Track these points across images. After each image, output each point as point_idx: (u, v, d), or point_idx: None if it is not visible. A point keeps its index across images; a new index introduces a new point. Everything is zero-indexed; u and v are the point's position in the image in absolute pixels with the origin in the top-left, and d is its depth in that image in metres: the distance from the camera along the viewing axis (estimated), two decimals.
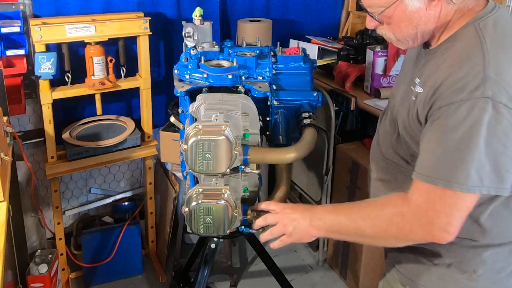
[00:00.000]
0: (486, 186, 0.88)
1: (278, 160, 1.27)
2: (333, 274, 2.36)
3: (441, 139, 0.90)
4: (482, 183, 0.87)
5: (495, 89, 0.86)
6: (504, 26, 0.94)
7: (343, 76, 2.12)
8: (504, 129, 0.86)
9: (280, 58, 1.51)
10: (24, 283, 1.78)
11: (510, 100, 0.86)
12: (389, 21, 0.99)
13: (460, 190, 0.87)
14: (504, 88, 0.86)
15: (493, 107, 0.85)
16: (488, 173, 0.87)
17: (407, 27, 0.99)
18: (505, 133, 0.86)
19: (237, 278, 2.31)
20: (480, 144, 0.86)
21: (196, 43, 1.59)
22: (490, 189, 0.88)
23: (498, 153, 0.86)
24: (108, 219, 2.43)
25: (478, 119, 0.86)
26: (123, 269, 2.28)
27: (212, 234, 1.17)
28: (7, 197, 1.32)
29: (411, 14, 0.96)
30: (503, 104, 0.85)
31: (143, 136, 2.14)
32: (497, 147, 0.86)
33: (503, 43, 0.91)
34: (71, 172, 2.01)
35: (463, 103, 0.87)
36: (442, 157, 0.90)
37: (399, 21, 0.99)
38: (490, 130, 0.85)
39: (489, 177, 0.87)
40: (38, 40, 1.76)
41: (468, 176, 0.87)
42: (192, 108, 1.29)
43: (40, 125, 2.06)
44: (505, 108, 0.85)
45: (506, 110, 0.85)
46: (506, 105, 0.85)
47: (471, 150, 0.86)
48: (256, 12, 2.40)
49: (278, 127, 1.43)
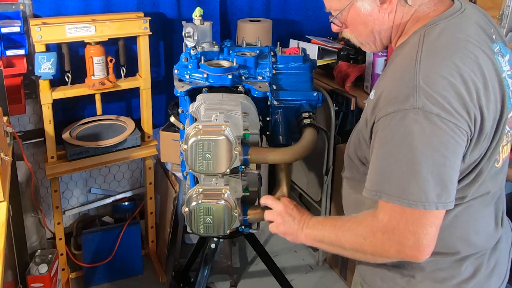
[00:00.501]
0: (433, 202, 0.83)
1: (278, 160, 1.27)
2: (333, 274, 2.36)
3: (379, 153, 0.88)
4: (428, 199, 0.83)
5: (426, 99, 0.82)
6: (452, 34, 0.90)
7: (343, 76, 2.12)
8: (441, 140, 0.82)
9: (280, 58, 1.51)
10: (24, 283, 1.78)
11: (443, 110, 0.82)
12: (346, 24, 1.01)
13: (409, 206, 0.84)
14: (434, 98, 0.82)
15: (425, 118, 0.82)
16: (432, 187, 0.83)
17: (364, 30, 1.00)
18: (443, 143, 0.82)
19: (237, 278, 2.31)
20: (417, 157, 0.82)
21: (196, 43, 1.59)
22: (437, 205, 0.84)
23: (440, 165, 0.83)
24: (108, 219, 2.43)
25: (410, 130, 0.82)
26: (123, 269, 2.28)
27: (212, 234, 1.17)
28: (7, 197, 1.32)
29: (365, 17, 0.97)
30: (434, 114, 0.82)
31: (143, 136, 2.14)
32: (438, 159, 0.82)
33: (439, 52, 0.87)
34: (71, 172, 2.01)
35: (395, 115, 0.84)
36: (382, 172, 0.87)
37: (355, 24, 1.00)
38: (425, 142, 0.82)
39: (434, 192, 0.83)
40: (38, 40, 1.76)
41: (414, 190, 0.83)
42: (192, 108, 1.29)
43: (40, 125, 2.06)
44: (437, 118, 0.82)
45: (439, 119, 0.82)
46: (438, 115, 0.82)
47: (409, 164, 0.83)
48: (256, 12, 2.40)
49: (278, 127, 1.43)
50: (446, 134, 0.82)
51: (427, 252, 0.88)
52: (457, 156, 0.85)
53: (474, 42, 0.90)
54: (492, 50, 0.93)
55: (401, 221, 0.86)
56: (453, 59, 0.86)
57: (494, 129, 0.91)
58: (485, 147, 0.91)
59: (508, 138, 0.99)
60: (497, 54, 0.94)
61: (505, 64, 0.96)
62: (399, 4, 0.94)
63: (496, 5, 1.85)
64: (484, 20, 0.98)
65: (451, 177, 0.84)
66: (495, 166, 0.98)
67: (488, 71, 0.88)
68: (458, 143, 0.84)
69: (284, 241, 1.21)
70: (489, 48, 0.92)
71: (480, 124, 0.87)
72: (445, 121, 0.82)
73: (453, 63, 0.85)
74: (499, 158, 0.98)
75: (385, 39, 1.01)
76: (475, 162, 0.92)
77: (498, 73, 0.91)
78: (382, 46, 1.03)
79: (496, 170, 0.99)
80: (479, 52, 0.89)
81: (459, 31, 0.91)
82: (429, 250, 0.88)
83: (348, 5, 0.97)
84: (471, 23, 0.94)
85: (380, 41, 1.01)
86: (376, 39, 1.01)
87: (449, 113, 0.82)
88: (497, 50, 0.95)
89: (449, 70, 0.84)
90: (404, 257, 0.90)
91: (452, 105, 0.82)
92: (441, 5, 0.96)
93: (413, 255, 0.88)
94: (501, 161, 0.99)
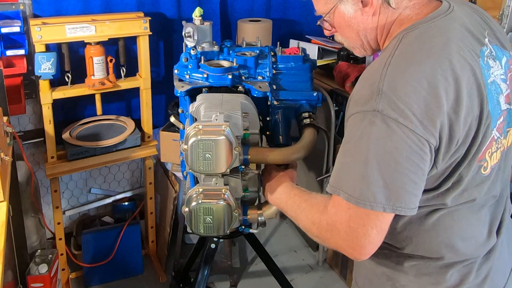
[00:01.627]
0: (381, 203, 0.83)
1: (278, 160, 1.27)
2: (333, 274, 2.36)
3: (341, 151, 0.90)
4: (376, 199, 0.83)
5: (386, 103, 0.82)
6: (429, 38, 0.88)
7: (343, 76, 2.12)
8: (395, 145, 0.81)
9: (280, 58, 1.50)
10: (24, 283, 1.78)
11: (401, 116, 0.81)
12: (335, 27, 1.01)
13: (354, 203, 0.84)
14: (395, 103, 0.81)
15: (383, 121, 0.81)
16: (382, 189, 0.82)
17: (350, 33, 1.00)
18: (397, 148, 0.81)
19: (237, 278, 2.31)
20: (370, 158, 0.82)
21: (196, 43, 1.58)
22: (385, 207, 0.83)
23: (391, 169, 0.82)
24: (108, 219, 2.44)
25: (367, 132, 0.83)
26: (123, 269, 2.28)
27: (212, 234, 1.17)
28: (7, 197, 1.32)
29: (349, 20, 0.97)
30: (392, 118, 0.81)
31: (143, 136, 2.14)
32: (390, 163, 0.82)
33: (410, 57, 0.86)
34: (71, 172, 2.02)
35: (357, 116, 0.85)
36: (340, 169, 0.89)
37: (342, 27, 1.00)
38: (379, 144, 0.82)
39: (383, 194, 0.83)
40: (38, 40, 1.76)
41: (363, 189, 0.83)
42: (192, 108, 1.28)
43: (40, 125, 2.06)
44: (395, 123, 0.81)
45: (396, 125, 0.81)
46: (396, 120, 0.81)
47: (363, 164, 0.83)
48: (256, 12, 2.40)
49: (278, 127, 1.43)
50: (401, 140, 0.81)
51: (365, 253, 0.88)
52: (412, 163, 0.83)
53: (453, 46, 0.87)
54: (477, 54, 0.90)
55: (345, 216, 0.87)
56: (422, 65, 0.84)
57: (472, 136, 0.88)
58: (460, 153, 0.89)
59: (498, 144, 0.96)
60: (484, 58, 0.91)
61: (497, 68, 0.94)
62: (383, 7, 0.93)
63: (496, 5, 1.86)
64: (476, 22, 0.96)
65: (404, 184, 0.83)
66: (482, 173, 0.95)
67: (464, 77, 0.85)
68: (413, 150, 0.82)
69: (284, 241, 1.22)
70: (472, 52, 0.89)
71: (448, 132, 0.84)
72: (402, 126, 0.81)
73: (422, 69, 0.84)
74: (486, 165, 0.95)
75: (372, 43, 1.00)
76: (449, 168, 0.90)
77: (477, 78, 0.88)
78: (371, 50, 1.02)
79: (483, 177, 0.96)
80: (456, 57, 0.86)
81: (438, 35, 0.89)
82: (367, 252, 0.87)
83: (332, 8, 0.97)
84: (454, 26, 0.91)
85: (368, 45, 1.01)
86: (364, 42, 1.01)
87: (408, 119, 0.81)
88: (487, 54, 0.92)
89: (416, 76, 0.83)
90: (342, 252, 0.91)
91: (413, 112, 0.81)
92: (426, 8, 0.94)
93: (350, 252, 0.89)
94: (489, 168, 0.96)
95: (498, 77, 0.94)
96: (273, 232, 2.62)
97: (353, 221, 0.86)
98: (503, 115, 0.95)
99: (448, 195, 0.93)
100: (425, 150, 0.83)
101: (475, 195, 0.96)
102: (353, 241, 0.87)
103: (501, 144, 0.98)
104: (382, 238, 0.87)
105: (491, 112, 0.90)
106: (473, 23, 0.95)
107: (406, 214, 0.85)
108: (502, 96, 0.95)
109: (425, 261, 0.99)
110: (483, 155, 0.93)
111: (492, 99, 0.91)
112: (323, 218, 0.93)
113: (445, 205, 0.94)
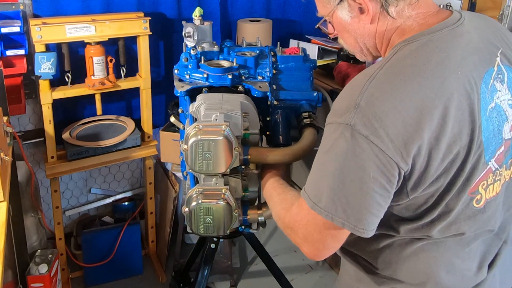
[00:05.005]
0: (341, 219, 0.81)
1: (278, 160, 1.27)
2: (333, 274, 2.36)
3: (315, 158, 0.88)
4: (337, 213, 0.81)
5: (360, 118, 0.77)
6: (426, 53, 0.82)
7: (343, 76, 2.12)
8: (363, 163, 0.78)
9: (280, 58, 1.50)
10: (24, 283, 1.78)
11: (373, 133, 0.76)
12: (335, 31, 1.00)
13: (316, 211, 0.84)
14: (369, 119, 0.77)
15: (352, 136, 0.78)
16: (344, 206, 0.80)
17: (349, 38, 0.97)
18: (364, 167, 0.78)
19: (237, 278, 2.31)
20: (338, 173, 0.80)
21: (196, 43, 1.59)
22: (344, 223, 0.81)
23: (356, 188, 0.79)
24: (108, 219, 2.43)
25: (337, 144, 0.80)
26: (123, 269, 2.28)
27: (212, 234, 1.17)
28: (7, 197, 1.32)
29: (347, 26, 0.94)
30: (363, 135, 0.77)
31: (143, 136, 2.14)
32: (355, 182, 0.79)
33: (398, 73, 0.80)
34: (71, 172, 2.01)
35: (331, 126, 0.83)
36: (312, 175, 0.88)
37: (341, 32, 0.98)
38: (346, 160, 0.79)
39: (345, 212, 0.81)
40: (38, 40, 1.76)
41: (326, 200, 0.82)
42: (192, 108, 1.29)
43: (40, 125, 2.05)
44: (364, 140, 0.77)
45: (366, 142, 0.77)
46: (367, 137, 0.76)
47: (330, 176, 0.82)
48: (256, 12, 2.40)
49: (278, 127, 1.43)
50: (369, 159, 0.77)
51: (319, 256, 0.91)
52: (378, 185, 0.79)
53: (451, 65, 0.81)
54: (480, 75, 0.83)
55: (304, 219, 0.89)
56: (410, 83, 0.78)
57: (458, 166, 0.82)
58: (442, 183, 0.83)
59: (496, 176, 0.89)
60: (489, 81, 0.84)
61: (505, 92, 0.87)
62: (381, 15, 0.88)
63: (496, 5, 1.86)
64: (488, 38, 0.89)
65: (368, 205, 0.80)
66: (474, 206, 0.89)
67: (455, 101, 0.79)
68: (381, 170, 0.78)
69: (284, 241, 1.22)
70: (472, 73, 0.82)
71: (426, 159, 0.79)
72: (372, 145, 0.77)
73: (408, 87, 0.78)
74: (480, 198, 0.89)
75: (372, 49, 0.96)
76: (432, 197, 0.85)
77: (472, 104, 0.80)
78: (371, 56, 0.98)
79: (475, 210, 0.89)
80: (451, 78, 0.79)
81: (438, 50, 0.82)
82: (322, 255, 0.91)
83: (330, 12, 0.94)
84: (458, 42, 0.84)
85: (368, 51, 0.97)
86: (363, 48, 0.97)
87: (379, 139, 0.76)
88: (494, 75, 0.85)
89: (399, 94, 0.78)
90: (300, 249, 0.93)
91: (386, 131, 0.76)
92: (432, 18, 0.87)
93: (306, 252, 0.92)
94: (483, 202, 0.89)
95: (504, 102, 0.87)
96: (273, 232, 2.62)
97: (311, 225, 0.88)
98: (506, 145, 0.88)
99: (433, 227, 0.88)
100: (393, 173, 0.79)
101: (465, 229, 0.90)
102: (309, 243, 0.90)
103: (501, 176, 0.91)
104: (338, 245, 0.90)
105: (484, 142, 0.83)
106: (484, 39, 0.88)
107: (366, 236, 0.83)
108: (507, 124, 0.88)
109: (405, 285, 0.96)
110: (475, 187, 0.87)
111: (488, 128, 0.84)
112: (287, 215, 0.96)
113: (430, 237, 0.90)
